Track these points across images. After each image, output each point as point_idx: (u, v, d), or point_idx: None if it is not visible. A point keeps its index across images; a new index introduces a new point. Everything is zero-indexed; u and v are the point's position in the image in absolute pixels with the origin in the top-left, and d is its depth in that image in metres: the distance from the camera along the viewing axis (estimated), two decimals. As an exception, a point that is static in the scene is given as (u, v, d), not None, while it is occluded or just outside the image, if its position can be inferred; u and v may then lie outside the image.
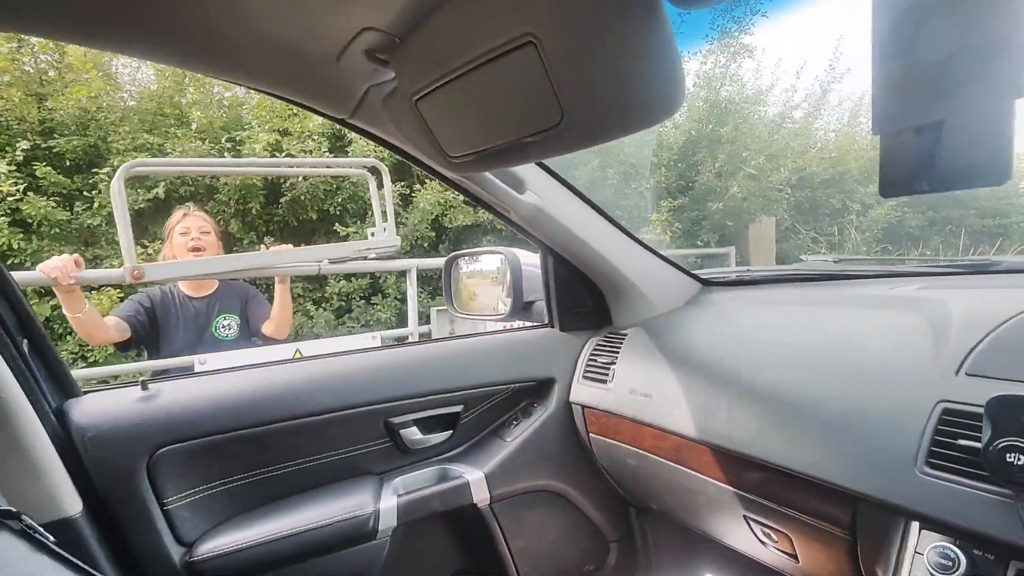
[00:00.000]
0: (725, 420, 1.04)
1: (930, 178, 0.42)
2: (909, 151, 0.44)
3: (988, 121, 0.40)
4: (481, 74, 0.65)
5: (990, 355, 0.80)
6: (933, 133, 0.42)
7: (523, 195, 1.18)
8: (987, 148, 0.41)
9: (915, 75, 0.41)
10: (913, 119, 0.42)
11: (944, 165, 0.42)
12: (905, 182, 0.44)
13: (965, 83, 0.39)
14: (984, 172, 0.40)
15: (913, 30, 0.41)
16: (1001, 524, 0.65)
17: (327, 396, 1.18)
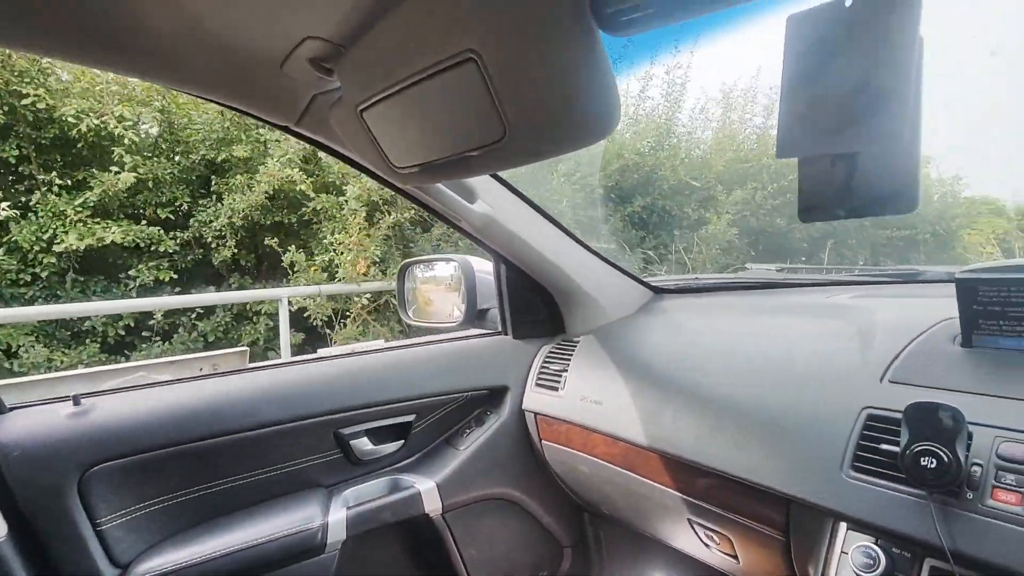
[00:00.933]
0: (670, 426, 1.07)
1: (846, 205, 0.45)
2: (826, 180, 0.46)
3: (895, 156, 0.43)
4: (425, 87, 0.65)
5: (911, 363, 0.85)
6: (848, 163, 0.45)
7: (474, 205, 1.18)
8: (896, 179, 0.44)
9: (819, 108, 0.44)
10: (814, 148, 0.44)
11: (858, 194, 0.44)
12: (823, 208, 0.47)
13: (866, 119, 0.42)
14: (894, 201, 0.43)
15: (819, 67, 0.43)
16: (916, 524, 0.69)
17: (274, 408, 1.15)
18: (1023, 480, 0.64)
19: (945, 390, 0.77)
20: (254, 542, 1.08)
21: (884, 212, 0.45)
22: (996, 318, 0.80)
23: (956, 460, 0.65)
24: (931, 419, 0.67)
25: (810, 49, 0.44)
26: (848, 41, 0.42)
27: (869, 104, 0.41)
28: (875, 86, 0.41)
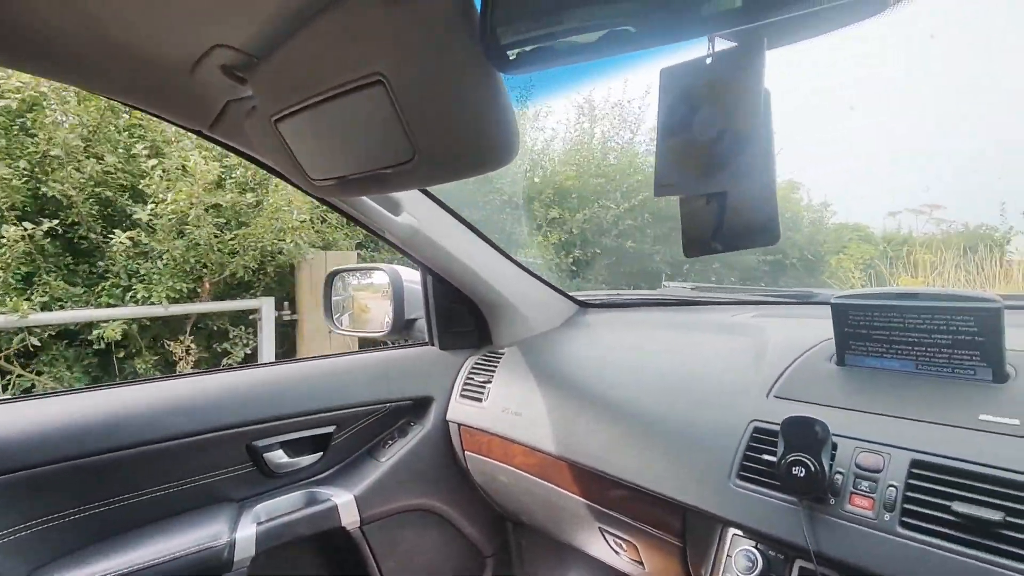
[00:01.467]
0: (583, 438, 1.11)
1: (721, 239, 0.50)
2: (703, 217, 0.51)
3: (758, 192, 0.48)
4: (337, 105, 0.66)
5: (793, 380, 0.93)
6: (719, 202, 0.49)
7: (399, 217, 1.19)
8: (759, 214, 0.49)
9: (690, 151, 0.48)
10: (687, 188, 0.49)
11: (730, 229, 0.49)
12: (702, 243, 0.51)
13: (728, 161, 0.47)
14: (759, 234, 0.48)
15: (688, 114, 0.48)
16: (788, 528, 0.76)
17: (179, 419, 1.11)
18: (874, 487, 0.71)
19: (819, 405, 0.85)
20: (153, 562, 1.03)
21: (752, 245, 0.51)
22: (863, 340, 0.89)
23: (821, 469, 0.72)
24: (803, 431, 0.74)
25: (679, 99, 0.49)
26: (710, 92, 0.47)
27: (730, 148, 0.46)
28: (733, 132, 0.45)
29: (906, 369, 0.85)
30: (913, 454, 0.71)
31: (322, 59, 0.64)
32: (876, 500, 0.71)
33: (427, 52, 0.55)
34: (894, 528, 0.68)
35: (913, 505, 0.68)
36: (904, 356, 0.85)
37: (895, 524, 0.68)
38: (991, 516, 0.62)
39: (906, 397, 0.80)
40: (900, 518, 0.68)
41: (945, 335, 0.80)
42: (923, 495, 0.68)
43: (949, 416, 0.73)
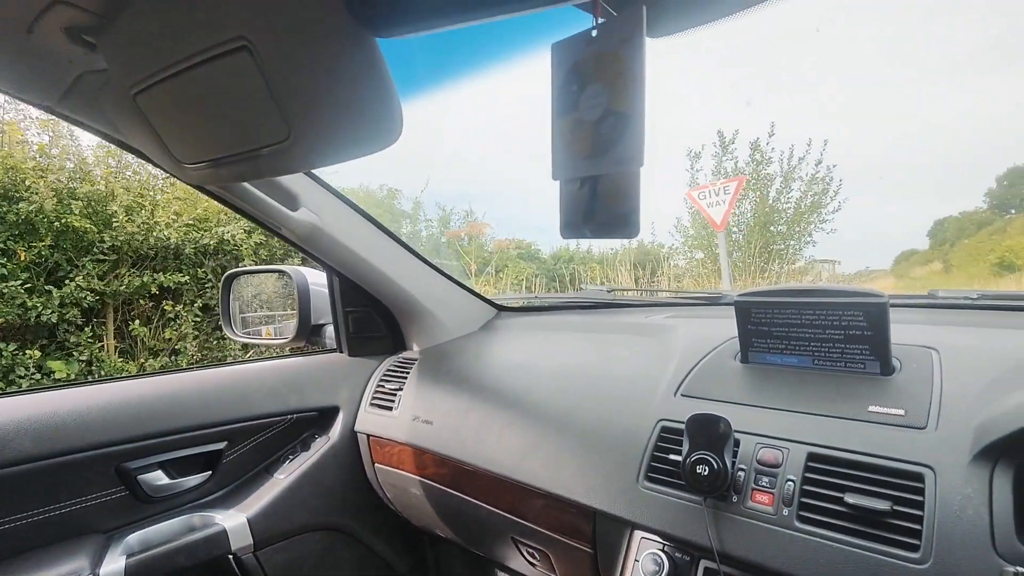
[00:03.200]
0: (495, 444, 1.06)
1: (590, 226, 0.47)
2: (578, 200, 0.48)
3: (625, 182, 0.45)
4: (201, 74, 0.58)
5: (699, 378, 0.93)
6: (591, 186, 0.46)
7: (297, 212, 1.10)
8: (623, 205, 0.46)
9: (580, 131, 0.45)
10: (579, 170, 0.45)
11: (598, 216, 0.46)
12: (576, 226, 0.48)
13: (612, 145, 0.44)
14: (621, 226, 0.45)
15: (577, 93, 0.44)
16: (693, 528, 0.74)
17: (27, 442, 0.96)
18: (775, 482, 0.71)
19: (723, 402, 0.85)
20: None
21: (613, 235, 0.48)
22: (765, 337, 0.90)
23: (724, 467, 0.71)
24: (707, 429, 0.73)
25: (570, 75, 0.45)
26: (596, 69, 0.44)
27: (612, 130, 0.43)
28: (615, 113, 0.42)
29: (804, 365, 0.87)
30: (809, 447, 0.72)
31: (178, 20, 0.56)
32: (776, 495, 0.70)
33: (293, 12, 0.48)
34: (792, 523, 0.68)
35: (809, 499, 0.68)
36: (802, 352, 0.87)
37: (793, 519, 0.68)
38: (880, 506, 0.62)
39: (804, 392, 0.81)
40: (798, 512, 0.68)
41: (837, 330, 0.82)
42: (818, 488, 0.68)
43: (842, 409, 0.75)
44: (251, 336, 1.55)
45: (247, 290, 1.57)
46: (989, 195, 10.39)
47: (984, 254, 8.49)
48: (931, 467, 0.63)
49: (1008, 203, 10.25)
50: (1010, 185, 10.03)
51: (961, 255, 9.17)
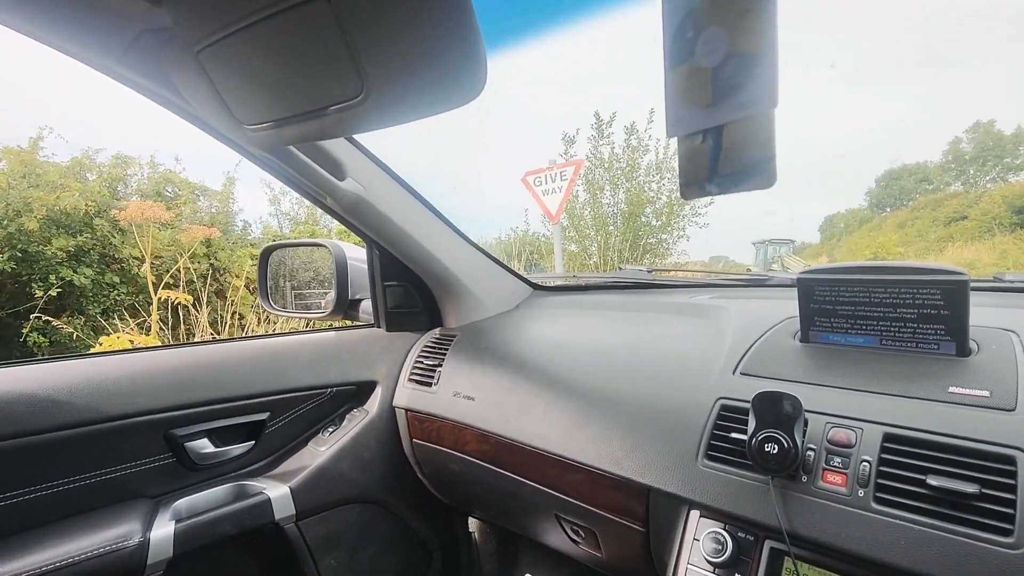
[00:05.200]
0: (540, 421, 1.05)
1: (717, 181, 0.44)
2: (700, 155, 0.45)
3: (756, 127, 0.42)
4: (271, 27, 0.56)
5: (759, 357, 0.90)
6: (715, 137, 0.43)
7: (343, 182, 1.09)
8: (755, 153, 0.43)
9: (698, 79, 0.42)
10: (700, 122, 0.43)
11: (725, 168, 0.43)
12: (700, 184, 0.45)
13: (736, 90, 0.41)
14: (754, 176, 0.42)
15: (694, 35, 0.41)
16: (758, 507, 0.72)
17: (81, 406, 0.97)
18: (847, 462, 0.68)
19: (787, 381, 0.82)
20: (51, 565, 0.89)
21: (745, 187, 0.45)
22: (828, 315, 0.86)
23: (794, 445, 0.68)
24: (774, 407, 0.70)
25: (684, 21, 0.42)
26: (715, 11, 0.41)
27: (736, 73, 0.40)
28: (739, 54, 0.39)
29: (870, 345, 0.83)
30: (886, 428, 0.69)
31: None
32: (849, 476, 0.67)
33: None
34: (868, 504, 0.65)
35: (887, 480, 0.65)
36: (868, 331, 0.83)
37: (869, 500, 0.65)
38: (967, 488, 0.59)
39: (874, 372, 0.78)
40: (874, 493, 0.65)
41: (910, 309, 0.78)
42: (897, 469, 0.65)
43: (918, 389, 0.71)
44: (288, 311, 1.56)
45: (285, 264, 1.57)
46: (869, 194, 10.44)
47: (862, 249, 8.56)
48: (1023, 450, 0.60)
49: (884, 202, 10.36)
50: (886, 185, 10.08)
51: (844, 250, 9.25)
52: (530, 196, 4.98)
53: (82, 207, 5.66)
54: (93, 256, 5.77)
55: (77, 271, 5.55)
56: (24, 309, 5.17)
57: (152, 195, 6.73)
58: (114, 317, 5.20)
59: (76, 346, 4.94)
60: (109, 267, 5.94)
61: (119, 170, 6.47)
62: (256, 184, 10.09)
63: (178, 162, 7.45)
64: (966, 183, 39.17)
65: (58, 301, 5.57)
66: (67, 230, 5.58)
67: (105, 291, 5.83)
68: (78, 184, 5.86)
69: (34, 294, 5.29)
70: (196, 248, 6.19)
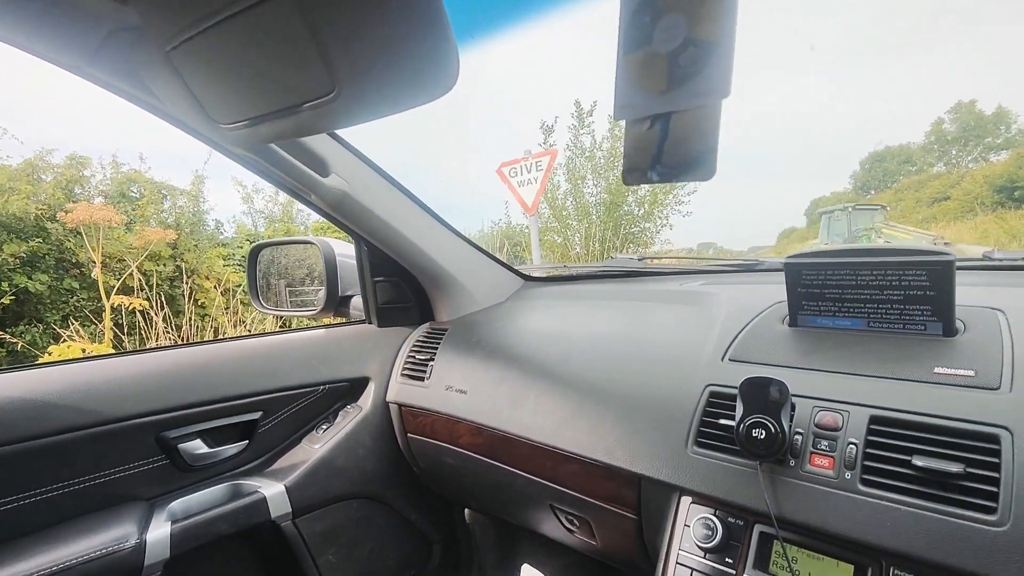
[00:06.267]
0: (532, 412, 1.05)
1: (659, 169, 0.44)
2: (646, 141, 0.45)
3: (703, 118, 0.42)
4: (240, 24, 0.55)
5: (747, 342, 0.91)
6: (663, 124, 0.43)
7: (327, 179, 1.08)
8: (699, 144, 0.43)
9: (652, 65, 0.42)
10: (650, 108, 0.42)
11: (668, 157, 0.43)
12: (641, 171, 0.45)
13: (690, 77, 0.40)
14: (695, 167, 0.42)
15: (651, 21, 0.41)
16: (747, 492, 0.73)
17: (70, 411, 0.96)
18: (834, 445, 0.69)
19: (775, 366, 0.83)
20: (47, 570, 0.88)
21: (686, 178, 0.45)
22: (816, 299, 0.87)
23: (781, 430, 0.69)
24: (762, 393, 0.71)
25: (641, 8, 0.42)
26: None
27: (692, 60, 0.40)
28: (696, 41, 0.39)
29: (858, 327, 0.84)
30: (871, 410, 0.70)
31: None
32: (836, 459, 0.68)
33: None
34: (855, 486, 0.66)
35: (873, 462, 0.66)
36: (856, 314, 0.84)
37: (856, 482, 0.66)
38: (952, 468, 0.60)
39: (860, 354, 0.79)
40: (861, 476, 0.66)
41: (897, 290, 0.79)
42: (883, 451, 0.66)
43: (904, 371, 0.72)
44: (278, 309, 1.55)
45: (274, 262, 1.56)
46: (854, 177, 10.51)
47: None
48: (1008, 428, 0.61)
49: (868, 184, 10.41)
50: (870, 168, 10.16)
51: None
52: (507, 188, 4.93)
53: (32, 210, 5.48)
54: (49, 261, 5.59)
55: (32, 277, 5.38)
56: None
57: (116, 196, 6.53)
58: (74, 324, 5.06)
59: (35, 356, 4.78)
60: (68, 272, 5.76)
61: (74, 171, 6.24)
62: (228, 182, 9.85)
63: (143, 161, 7.18)
64: (948, 164, 39.65)
65: (15, 309, 5.40)
66: (18, 235, 5.40)
67: (64, 297, 5.65)
68: (28, 187, 5.66)
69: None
70: (161, 250, 6.03)
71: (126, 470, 1.05)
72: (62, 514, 0.98)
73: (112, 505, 1.03)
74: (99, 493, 1.01)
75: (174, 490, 1.12)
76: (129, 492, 1.06)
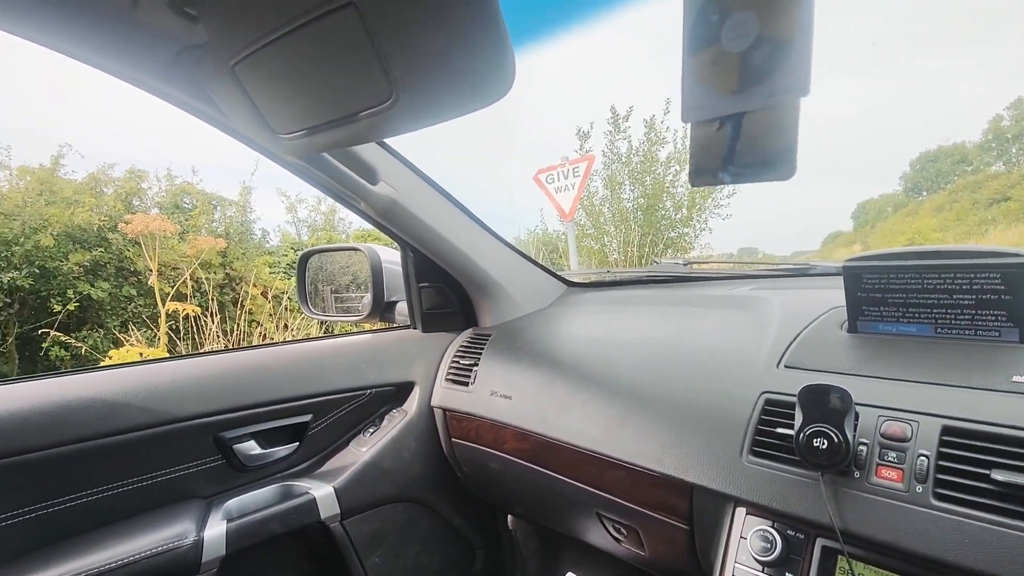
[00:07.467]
0: (578, 418, 1.04)
1: (730, 170, 0.43)
2: (714, 142, 0.44)
3: (780, 116, 0.41)
4: (302, 37, 0.57)
5: (804, 349, 0.88)
6: (734, 125, 0.42)
7: (376, 186, 1.10)
8: (777, 143, 0.42)
9: (722, 65, 0.41)
10: (720, 109, 0.42)
11: (742, 157, 0.42)
12: (712, 172, 0.44)
13: (765, 76, 0.40)
14: (774, 166, 0.41)
15: (719, 20, 0.41)
16: (808, 504, 0.70)
17: (136, 411, 1.01)
18: (903, 457, 0.66)
19: (834, 373, 0.80)
20: (111, 564, 0.93)
21: (764, 178, 0.44)
22: (878, 304, 0.84)
23: (845, 440, 0.66)
24: (822, 401, 0.69)
25: (708, 6, 0.42)
26: None
27: (766, 58, 0.39)
28: (770, 38, 0.38)
29: (924, 333, 0.81)
30: (944, 420, 0.66)
31: None
32: (906, 471, 0.65)
33: None
34: (927, 500, 0.63)
35: (947, 475, 0.63)
36: (922, 319, 0.80)
37: (928, 496, 0.63)
38: None
39: (928, 362, 0.75)
40: (934, 489, 0.63)
41: (968, 295, 0.76)
42: (958, 464, 0.63)
43: (979, 379, 0.69)
44: (326, 314, 1.59)
45: (321, 269, 1.60)
46: (904, 178, 9.82)
47: (897, 235, 8.09)
48: None
49: (920, 185, 9.71)
50: (921, 169, 9.45)
51: (878, 236, 8.74)
52: (543, 195, 4.94)
53: (95, 222, 5.79)
54: (110, 270, 5.89)
55: (94, 285, 5.66)
56: (45, 324, 5.31)
57: (170, 207, 6.85)
58: (134, 330, 5.32)
59: (98, 359, 5.04)
60: (126, 280, 6.05)
61: (133, 184, 6.57)
62: (272, 192, 10.18)
63: (195, 173, 7.55)
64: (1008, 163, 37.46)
65: (79, 315, 5.69)
66: (83, 245, 5.70)
67: (123, 304, 5.92)
68: (91, 199, 5.98)
69: (53, 309, 5.41)
70: (211, 258, 6.29)
71: (186, 469, 1.09)
72: (131, 508, 1.03)
73: (173, 502, 1.08)
74: (162, 490, 1.06)
75: (229, 489, 1.16)
76: (188, 490, 1.10)
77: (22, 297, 5.35)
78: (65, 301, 5.43)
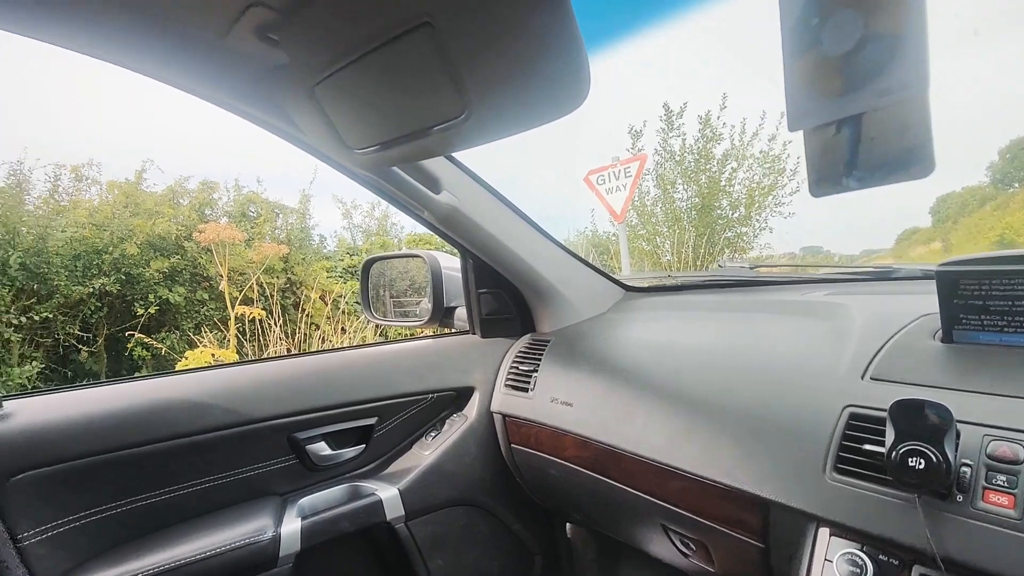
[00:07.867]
0: (642, 427, 1.02)
1: (856, 175, 0.40)
2: (836, 147, 0.41)
3: (905, 113, 0.38)
4: (378, 57, 0.59)
5: (892, 360, 0.82)
6: (854, 127, 0.40)
7: (439, 195, 1.12)
8: (905, 141, 0.39)
9: (826, 67, 0.39)
10: (831, 113, 0.39)
11: (867, 160, 0.39)
12: (833, 180, 0.42)
13: (876, 74, 0.37)
14: (908, 165, 0.38)
15: (819, 22, 0.38)
16: (904, 528, 0.65)
17: (220, 411, 1.06)
18: (1014, 481, 0.60)
19: (929, 387, 0.74)
20: (197, 556, 0.98)
21: (899, 178, 0.41)
22: (978, 312, 0.77)
23: (946, 460, 0.61)
24: (917, 417, 0.64)
25: (807, 7, 0.39)
26: None
27: (872, 57, 0.37)
28: (876, 36, 0.36)
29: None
30: None
31: (359, 5, 0.57)
32: (1018, 497, 0.60)
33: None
34: None
35: None
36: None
37: None
38: None
39: None
40: None
41: (1086, 303, 0.68)
42: None
43: None
44: (388, 319, 1.63)
45: (382, 275, 1.65)
46: (992, 169, 8.75)
47: (984, 231, 7.23)
48: None
49: (1011, 176, 8.60)
50: (1013, 158, 8.38)
51: (961, 233, 7.85)
52: (594, 196, 4.89)
53: (173, 231, 6.20)
54: (185, 276, 6.27)
55: (172, 290, 6.05)
56: (129, 326, 5.74)
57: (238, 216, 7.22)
58: (206, 332, 5.68)
59: (175, 359, 5.40)
60: (200, 285, 6.43)
61: (205, 195, 6.97)
62: (328, 199, 10.56)
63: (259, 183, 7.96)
64: (1116, 148, 33.95)
65: (158, 318, 6.11)
66: (162, 253, 6.10)
67: (196, 307, 6.30)
68: (170, 210, 6.40)
69: (136, 312, 5.84)
70: (274, 264, 6.59)
71: (263, 467, 1.14)
72: (213, 503, 1.09)
73: (252, 498, 1.13)
74: (242, 487, 1.12)
75: (301, 488, 1.20)
76: (266, 487, 1.15)
77: (110, 301, 5.81)
78: (147, 305, 5.86)
